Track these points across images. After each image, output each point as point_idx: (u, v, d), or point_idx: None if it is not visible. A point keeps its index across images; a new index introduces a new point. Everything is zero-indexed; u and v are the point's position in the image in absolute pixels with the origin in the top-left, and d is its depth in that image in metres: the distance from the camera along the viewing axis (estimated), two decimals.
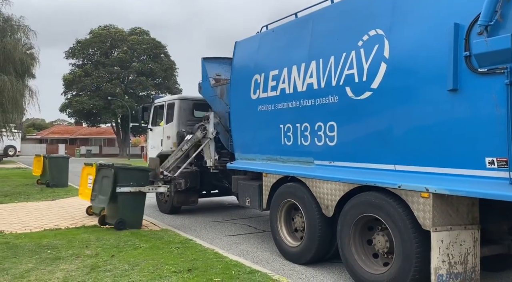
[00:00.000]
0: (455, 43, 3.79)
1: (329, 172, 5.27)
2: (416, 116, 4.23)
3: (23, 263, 5.23)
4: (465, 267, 4.12)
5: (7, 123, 18.31)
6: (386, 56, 4.49)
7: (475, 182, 3.74)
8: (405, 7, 4.44)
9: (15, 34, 17.33)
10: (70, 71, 47.18)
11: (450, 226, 4.09)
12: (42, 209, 9.65)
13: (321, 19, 5.68)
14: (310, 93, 5.57)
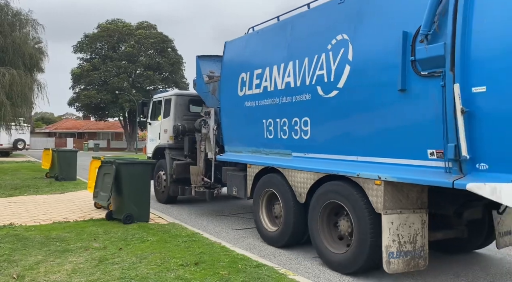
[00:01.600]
0: (403, 49, 4.35)
1: (302, 163, 5.83)
2: (372, 113, 4.82)
3: (32, 255, 5.29)
4: (414, 246, 4.64)
5: (16, 117, 18.46)
6: (350, 59, 5.08)
7: (418, 170, 4.30)
8: (366, 15, 5.00)
9: (23, 28, 17.41)
10: (78, 65, 47.46)
11: (400, 209, 4.62)
12: (51, 202, 9.75)
13: (298, 23, 6.23)
14: (288, 91, 6.14)
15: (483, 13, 3.75)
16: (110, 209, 7.67)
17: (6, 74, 15.43)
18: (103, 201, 7.52)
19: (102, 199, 7.59)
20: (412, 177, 4.34)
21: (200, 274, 4.64)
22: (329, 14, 5.66)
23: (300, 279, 4.71)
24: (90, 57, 47.86)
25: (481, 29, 3.75)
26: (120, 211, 7.44)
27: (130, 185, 7.39)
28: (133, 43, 46.33)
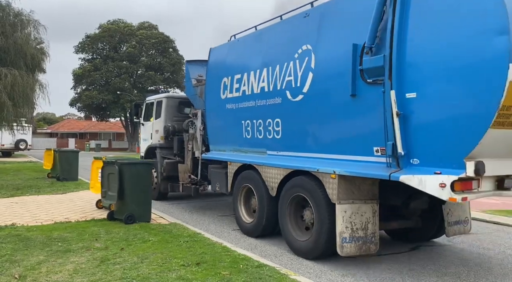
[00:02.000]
0: (353, 59, 4.98)
1: (274, 160, 6.50)
2: (329, 115, 5.50)
3: (34, 255, 5.30)
4: (365, 232, 5.24)
5: (18, 118, 18.50)
6: (313, 67, 5.70)
7: (366, 165, 4.95)
8: (325, 28, 5.64)
9: (25, 29, 17.41)
10: (80, 65, 47.51)
11: (352, 200, 5.23)
12: (52, 202, 9.77)
13: (271, 33, 6.90)
14: (262, 94, 6.77)
15: (415, 31, 4.40)
16: (112, 209, 7.68)
17: (8, 75, 15.46)
18: (113, 200, 7.51)
19: (111, 198, 7.59)
20: (360, 171, 5.00)
21: (202, 274, 4.65)
22: (297, 26, 6.29)
23: (301, 279, 4.71)
24: (91, 57, 47.92)
25: (413, 45, 4.41)
26: (122, 211, 7.44)
27: (131, 185, 7.40)
28: (134, 44, 46.37)
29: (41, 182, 13.89)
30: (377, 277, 5.05)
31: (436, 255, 6.11)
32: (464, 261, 5.85)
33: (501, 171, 4.42)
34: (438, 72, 4.22)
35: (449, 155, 4.19)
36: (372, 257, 5.89)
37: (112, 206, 7.63)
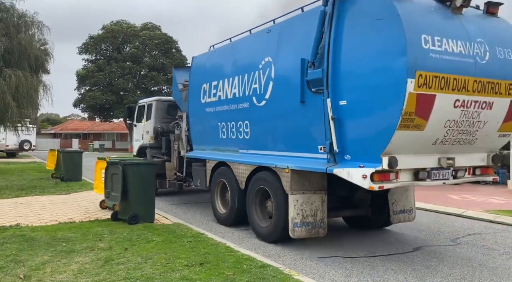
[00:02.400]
0: (302, 71, 5.83)
1: (243, 158, 7.36)
2: (285, 118, 6.42)
3: (39, 255, 5.33)
4: (315, 219, 6.15)
5: (22, 118, 18.58)
6: (273, 77, 6.61)
7: (312, 161, 5.86)
8: (282, 44, 6.56)
9: (29, 30, 17.49)
10: (83, 66, 47.64)
11: (303, 191, 6.13)
12: (56, 202, 9.81)
13: (242, 45, 7.81)
14: (234, 99, 7.63)
15: (344, 51, 5.34)
16: (116, 209, 7.70)
17: (12, 76, 15.54)
18: (116, 201, 7.54)
19: (114, 199, 7.62)
20: (307, 165, 5.92)
21: (205, 274, 4.66)
22: (261, 41, 7.15)
23: (305, 279, 4.71)
24: (95, 58, 48.04)
25: (343, 62, 5.35)
26: (126, 211, 7.47)
27: (135, 185, 7.42)
28: (137, 44, 46.46)
29: (45, 182, 13.96)
30: (381, 277, 5.04)
31: (440, 255, 6.09)
32: (468, 261, 5.83)
33: (415, 165, 5.28)
34: (360, 84, 5.15)
35: (370, 151, 5.07)
36: (376, 257, 5.89)
37: (116, 206, 7.65)
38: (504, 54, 5.45)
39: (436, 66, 4.80)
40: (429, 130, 5.00)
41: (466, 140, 5.52)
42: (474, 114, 5.27)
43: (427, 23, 4.94)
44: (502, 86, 5.37)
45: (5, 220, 7.59)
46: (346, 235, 7.29)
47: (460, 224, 8.56)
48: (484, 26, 5.55)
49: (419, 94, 4.68)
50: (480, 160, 5.93)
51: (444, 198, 12.73)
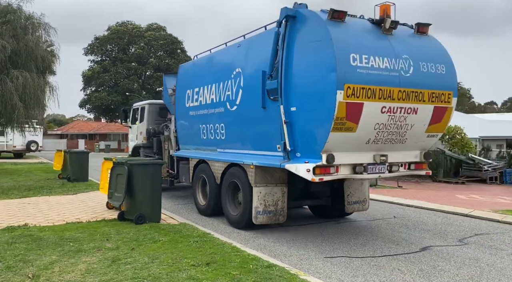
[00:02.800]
0: (262, 81, 6.83)
1: (219, 156, 8.37)
2: (251, 121, 7.43)
3: (47, 255, 5.37)
4: (275, 208, 7.20)
5: (29, 119, 18.73)
6: (242, 85, 7.60)
7: (272, 158, 6.83)
8: (248, 57, 7.62)
9: (36, 32, 17.63)
10: (89, 67, 47.93)
11: (266, 184, 7.15)
12: (63, 202, 9.87)
13: (219, 56, 8.90)
14: (212, 104, 8.61)
15: (293, 66, 6.38)
16: (122, 209, 7.74)
17: (20, 77, 15.68)
18: (118, 201, 7.58)
19: (117, 199, 7.67)
20: (267, 162, 6.91)
21: (212, 274, 4.67)
22: (233, 53, 8.19)
23: (311, 279, 4.70)
24: (100, 59, 48.33)
25: (293, 74, 6.37)
26: (132, 211, 7.50)
27: (141, 185, 7.45)
28: (143, 45, 46.67)
29: (52, 182, 14.04)
30: (388, 277, 5.02)
31: (447, 255, 6.06)
32: (476, 261, 5.79)
33: (353, 161, 6.33)
34: (305, 94, 6.18)
35: (313, 149, 6.11)
36: (383, 257, 5.87)
37: (123, 207, 7.69)
38: (427, 68, 6.53)
39: (363, 80, 5.84)
40: (360, 132, 6.07)
41: (397, 140, 6.59)
42: (401, 118, 6.36)
43: (357, 44, 6.02)
44: (425, 95, 6.47)
45: (13, 220, 7.65)
46: (352, 235, 7.27)
47: (467, 224, 8.51)
48: (412, 44, 6.66)
49: (348, 103, 5.73)
50: (414, 157, 7.03)
51: (451, 198, 12.65)
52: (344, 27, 6.11)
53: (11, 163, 24.59)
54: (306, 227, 7.85)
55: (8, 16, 16.92)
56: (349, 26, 6.19)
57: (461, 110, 48.17)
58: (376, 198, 12.05)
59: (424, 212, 10.06)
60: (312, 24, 6.24)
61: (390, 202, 11.43)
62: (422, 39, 6.89)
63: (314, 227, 7.89)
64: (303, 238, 6.94)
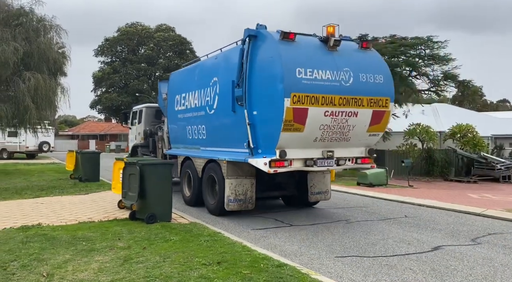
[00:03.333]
0: (232, 89, 7.93)
1: (201, 153, 9.64)
2: (224, 123, 8.63)
3: (60, 254, 5.44)
4: (245, 197, 8.41)
5: (41, 120, 18.98)
6: (218, 92, 8.79)
7: (240, 154, 7.97)
8: (222, 68, 8.79)
9: (48, 34, 17.84)
10: (99, 68, 48.38)
11: (237, 176, 8.35)
12: (75, 202, 10.00)
13: (201, 66, 10.34)
14: (195, 108, 9.84)
15: (253, 78, 7.59)
16: (134, 209, 7.80)
17: (32, 79, 15.90)
18: (133, 201, 7.65)
19: (131, 199, 7.74)
20: (236, 157, 8.09)
21: (223, 273, 4.69)
22: (211, 64, 9.49)
23: (322, 278, 4.69)
24: (110, 60, 48.75)
25: (253, 84, 7.59)
26: (143, 211, 7.57)
27: (152, 185, 7.51)
28: (152, 46, 46.96)
29: (64, 183, 14.22)
30: (399, 277, 4.99)
31: (459, 255, 6.00)
32: (489, 261, 5.72)
33: (304, 156, 7.61)
34: (262, 100, 7.39)
35: (269, 146, 7.37)
36: (395, 257, 5.84)
37: (134, 206, 7.76)
38: (366, 78, 7.74)
39: (307, 89, 7.10)
40: (307, 132, 7.32)
41: (341, 138, 7.82)
42: (343, 120, 7.58)
43: (303, 59, 7.26)
44: (364, 101, 7.69)
45: (27, 219, 7.77)
46: (363, 234, 7.24)
47: (480, 224, 8.41)
48: (354, 58, 7.89)
49: (295, 108, 6.99)
50: (359, 152, 8.28)
51: (463, 197, 12.51)
52: (294, 45, 7.40)
53: (24, 163, 24.95)
54: (316, 227, 7.84)
55: (21, 19, 17.18)
56: (298, 44, 7.46)
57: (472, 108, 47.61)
58: (386, 198, 11.97)
59: (436, 211, 9.97)
60: (268, 43, 7.50)
61: (401, 202, 11.35)
62: (365, 53, 8.15)
63: (324, 227, 7.88)
64: (313, 238, 6.93)
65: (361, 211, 9.74)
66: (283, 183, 9.34)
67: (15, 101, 16.01)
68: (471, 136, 20.41)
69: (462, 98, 53.75)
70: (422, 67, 20.24)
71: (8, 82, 16.49)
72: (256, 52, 7.64)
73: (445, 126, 23.56)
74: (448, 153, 20.69)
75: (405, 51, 19.47)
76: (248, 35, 7.71)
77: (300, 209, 9.87)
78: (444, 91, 21.83)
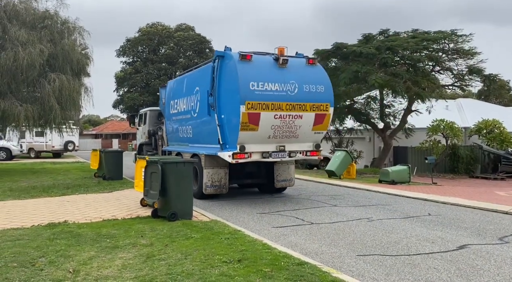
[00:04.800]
0: (207, 98, 10.01)
1: (188, 149, 11.86)
2: (203, 125, 10.72)
3: (85, 251, 5.58)
4: (220, 183, 10.52)
5: (66, 120, 19.47)
6: (199, 99, 10.87)
7: (214, 149, 10.00)
8: (201, 79, 10.84)
9: (71, 36, 18.28)
10: (121, 68, 49.24)
11: (213, 167, 10.44)
12: (100, 200, 10.23)
13: (188, 77, 12.40)
14: (184, 112, 12.03)
15: (221, 89, 9.77)
16: (155, 206, 7.93)
17: (56, 80, 16.34)
18: (154, 199, 7.78)
19: (153, 197, 7.87)
20: (210, 152, 10.17)
21: (244, 271, 4.71)
22: (195, 76, 11.73)
23: (344, 277, 4.65)
24: (132, 60, 49.55)
25: (221, 93, 9.73)
26: (165, 208, 7.67)
27: (174, 183, 7.61)
28: (172, 46, 47.46)
29: (89, 181, 14.55)
30: (423, 276, 4.90)
31: (486, 254, 5.84)
32: None
33: (261, 149, 9.70)
34: (227, 107, 9.56)
35: (232, 143, 9.45)
36: (418, 256, 5.73)
37: (156, 204, 7.88)
38: (309, 88, 9.90)
39: (259, 98, 9.27)
40: (261, 131, 9.45)
41: (291, 136, 9.91)
42: (290, 122, 9.71)
43: (256, 75, 9.38)
44: (307, 106, 9.87)
45: (54, 217, 8.00)
46: (385, 233, 7.14)
47: (508, 222, 8.15)
48: (300, 72, 9.98)
49: (249, 113, 9.17)
50: (308, 147, 10.35)
51: (489, 195, 12.16)
52: (249, 64, 9.48)
53: (51, 162, 25.69)
54: (336, 225, 7.78)
55: (46, 22, 17.66)
56: (254, 63, 9.54)
57: (500, 103, 46.10)
58: (409, 195, 11.76)
59: (461, 209, 9.73)
60: (230, 62, 9.56)
61: (424, 199, 11.12)
62: (310, 68, 10.28)
63: (345, 225, 7.81)
64: (334, 236, 6.88)
65: (383, 209, 9.60)
66: (254, 172, 11.27)
67: (41, 102, 16.47)
68: (498, 132, 19.79)
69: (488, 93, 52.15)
70: (445, 62, 19.74)
71: (34, 84, 16.98)
72: (222, 69, 9.76)
73: (470, 122, 22.91)
74: (474, 149, 20.12)
75: (428, 45, 19.02)
76: (217, 56, 9.85)
77: (321, 207, 9.81)
78: (469, 86, 21.20)
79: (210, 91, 9.82)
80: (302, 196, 11.69)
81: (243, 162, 9.56)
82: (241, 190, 12.79)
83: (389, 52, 18.20)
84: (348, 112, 21.19)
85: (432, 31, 19.78)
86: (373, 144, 24.58)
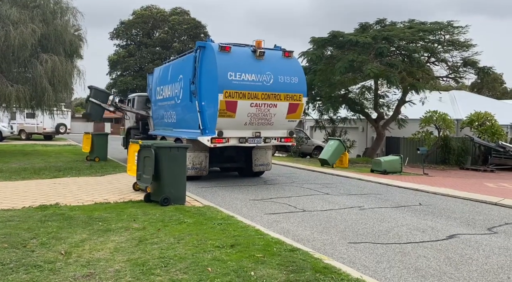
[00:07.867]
0: (189, 85, 10.86)
1: (172, 133, 12.39)
2: (186, 111, 11.49)
3: (77, 233, 5.56)
4: (200, 166, 11.21)
5: (58, 102, 19.23)
6: (182, 86, 11.54)
7: (195, 134, 10.74)
8: (184, 68, 11.47)
9: (64, 16, 17.90)
10: (115, 51, 48.53)
11: (194, 150, 10.88)
12: (92, 183, 10.17)
13: (173, 65, 12.97)
14: (169, 98, 12.73)
15: (201, 77, 10.52)
16: (148, 191, 7.91)
17: (49, 61, 16.05)
18: (147, 183, 7.75)
19: (145, 181, 7.84)
20: (191, 136, 10.79)
21: (236, 256, 4.73)
22: (179, 64, 12.31)
23: (335, 263, 4.69)
24: (126, 43, 48.82)
25: (202, 82, 10.52)
26: (158, 193, 7.66)
27: (167, 168, 7.57)
28: (167, 30, 46.78)
29: (81, 164, 14.46)
30: (413, 264, 4.96)
31: (475, 243, 5.93)
32: (506, 250, 5.64)
33: (238, 135, 10.41)
34: (206, 95, 10.28)
35: (211, 128, 10.17)
36: (408, 244, 5.81)
37: (149, 188, 7.85)
38: (284, 79, 10.60)
39: (236, 87, 9.96)
40: (238, 118, 10.11)
41: (266, 123, 10.61)
42: (265, 110, 10.41)
43: (234, 65, 10.05)
44: (281, 96, 10.58)
45: (45, 199, 7.95)
46: (376, 221, 7.21)
47: (497, 213, 8.28)
48: (276, 64, 10.65)
49: (227, 101, 9.86)
50: (282, 134, 11.08)
51: (479, 186, 12.33)
52: (228, 55, 10.15)
53: (42, 145, 25.43)
54: (329, 213, 7.83)
55: (38, 1, 17.25)
56: (232, 54, 10.21)
57: (492, 96, 46.47)
58: (400, 185, 11.87)
59: (451, 199, 9.85)
60: (210, 53, 10.23)
61: (415, 189, 11.24)
62: (286, 60, 10.94)
63: (337, 213, 7.87)
64: (326, 223, 6.93)
65: (374, 198, 9.68)
66: (234, 156, 12.07)
67: (33, 83, 16.21)
68: (490, 124, 19.98)
69: (481, 86, 52.49)
70: (441, 53, 19.76)
71: (26, 64, 16.68)
72: (203, 59, 10.44)
73: (462, 114, 23.09)
74: (465, 141, 20.32)
75: (424, 36, 19.00)
76: (198, 46, 10.61)
77: (313, 195, 9.86)
78: (463, 78, 21.30)
79: (192, 80, 10.53)
80: (295, 184, 11.74)
81: (221, 146, 10.30)
82: (234, 178, 12.81)
83: (385, 42, 18.15)
84: (343, 102, 21.19)
85: (428, 22, 19.75)
86: (366, 133, 24.70)
